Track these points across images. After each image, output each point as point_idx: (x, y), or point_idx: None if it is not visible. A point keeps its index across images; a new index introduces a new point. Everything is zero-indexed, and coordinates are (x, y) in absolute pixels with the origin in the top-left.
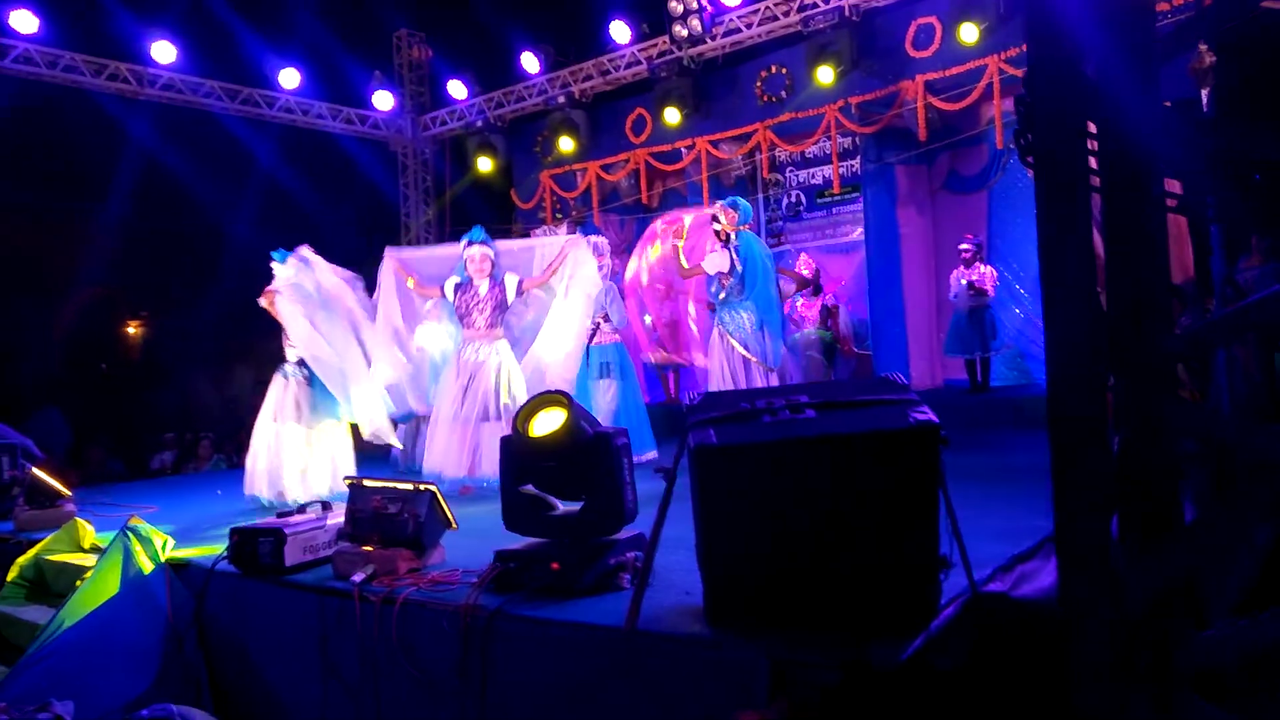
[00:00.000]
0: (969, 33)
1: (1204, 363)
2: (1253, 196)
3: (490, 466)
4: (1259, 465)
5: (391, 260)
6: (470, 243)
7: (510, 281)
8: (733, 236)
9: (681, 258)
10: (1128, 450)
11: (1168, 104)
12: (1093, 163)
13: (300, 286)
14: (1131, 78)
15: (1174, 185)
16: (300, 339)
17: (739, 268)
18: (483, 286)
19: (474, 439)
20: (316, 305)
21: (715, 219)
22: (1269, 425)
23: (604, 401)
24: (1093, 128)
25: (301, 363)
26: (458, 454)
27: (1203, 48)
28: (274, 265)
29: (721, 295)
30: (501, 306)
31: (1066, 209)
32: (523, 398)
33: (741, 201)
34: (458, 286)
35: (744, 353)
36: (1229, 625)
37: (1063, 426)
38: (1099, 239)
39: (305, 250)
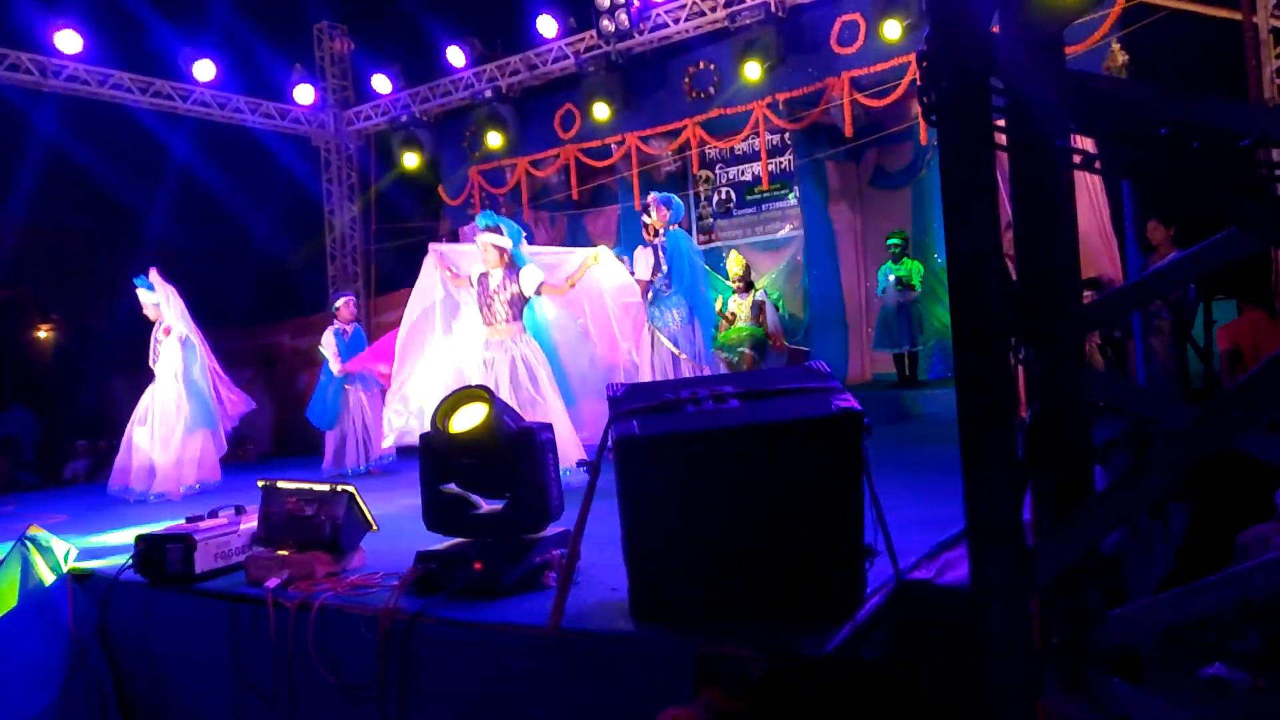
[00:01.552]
0: (892, 29)
1: (1120, 353)
2: (1184, 161)
3: None
4: (1166, 435)
5: (434, 255)
6: (477, 229)
7: (531, 276)
8: (660, 233)
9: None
10: (1039, 425)
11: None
12: (999, 123)
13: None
14: (1035, 35)
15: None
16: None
17: (664, 265)
18: (495, 276)
19: None
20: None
21: (646, 211)
22: (1178, 399)
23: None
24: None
25: None
26: None
27: (1116, 46)
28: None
29: (649, 294)
30: (519, 300)
31: (971, 168)
32: (548, 389)
33: (675, 199)
34: (480, 277)
35: (673, 349)
36: (1140, 603)
37: (970, 400)
38: (1008, 206)
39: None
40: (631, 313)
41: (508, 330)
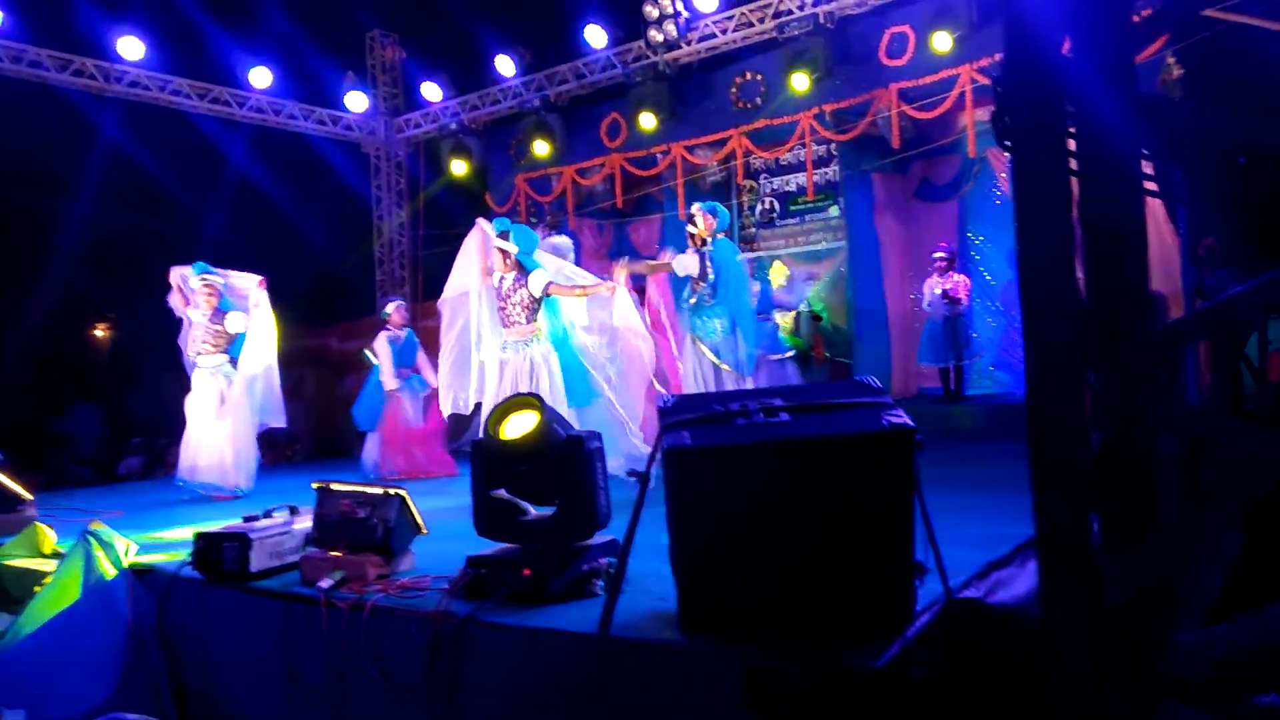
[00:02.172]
0: (942, 41)
1: (1172, 369)
2: (1235, 180)
3: None
4: (1234, 461)
5: (479, 231)
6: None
7: (537, 278)
8: (708, 242)
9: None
10: (1107, 448)
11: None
12: (1071, 146)
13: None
14: (1108, 60)
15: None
16: None
17: (711, 274)
18: (506, 280)
19: None
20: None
21: (691, 220)
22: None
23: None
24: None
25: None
26: None
27: (1171, 60)
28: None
29: (692, 301)
30: (529, 303)
31: (1045, 194)
32: (560, 391)
33: (720, 207)
34: (498, 281)
35: (714, 359)
36: (1208, 629)
37: (1041, 422)
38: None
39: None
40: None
41: (523, 332)
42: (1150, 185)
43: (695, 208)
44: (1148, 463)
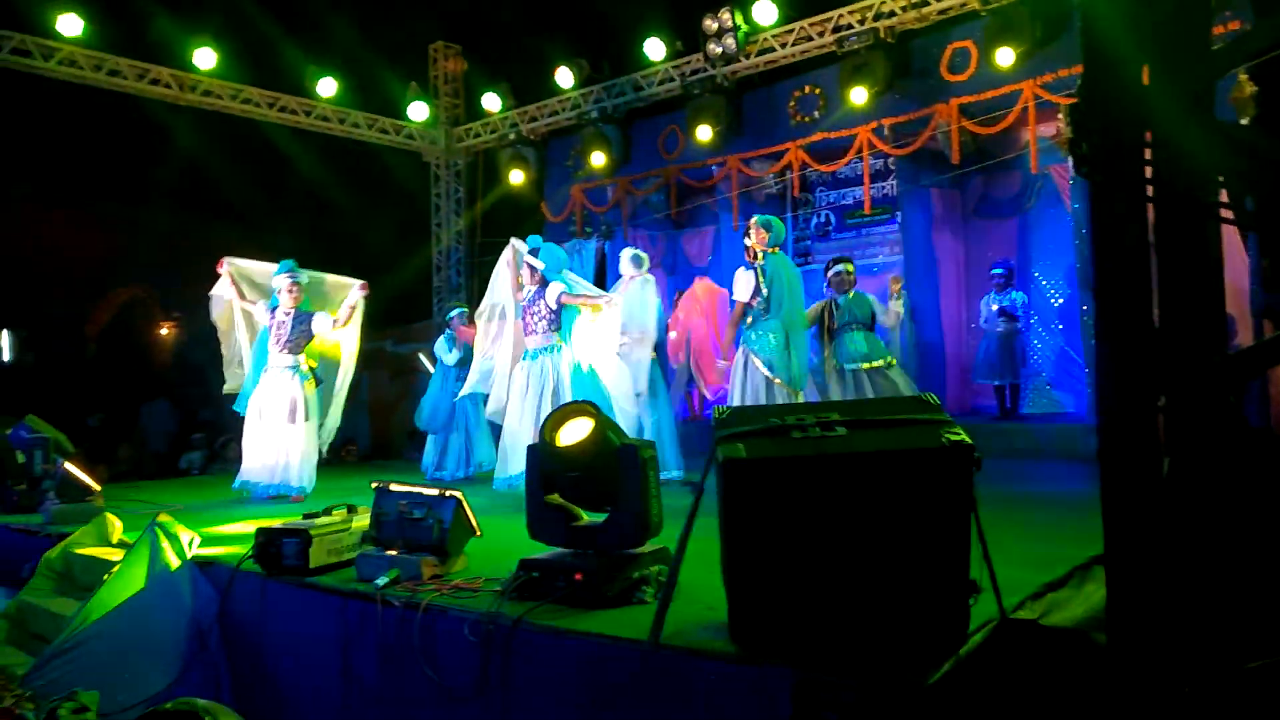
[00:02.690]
0: (1005, 57)
1: (1239, 392)
2: None
3: None
4: None
5: (512, 249)
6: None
7: (553, 290)
8: (760, 256)
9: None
10: (1179, 472)
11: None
12: (1147, 174)
13: None
14: (1187, 90)
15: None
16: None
17: (764, 289)
18: (530, 292)
19: None
20: None
21: (746, 234)
22: None
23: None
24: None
25: None
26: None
27: (1243, 77)
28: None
29: (750, 319)
30: (548, 315)
31: (1122, 219)
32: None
33: (776, 221)
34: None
35: (767, 373)
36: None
37: (1113, 444)
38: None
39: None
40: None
41: (541, 340)
42: (1226, 214)
43: (751, 220)
44: (1219, 487)
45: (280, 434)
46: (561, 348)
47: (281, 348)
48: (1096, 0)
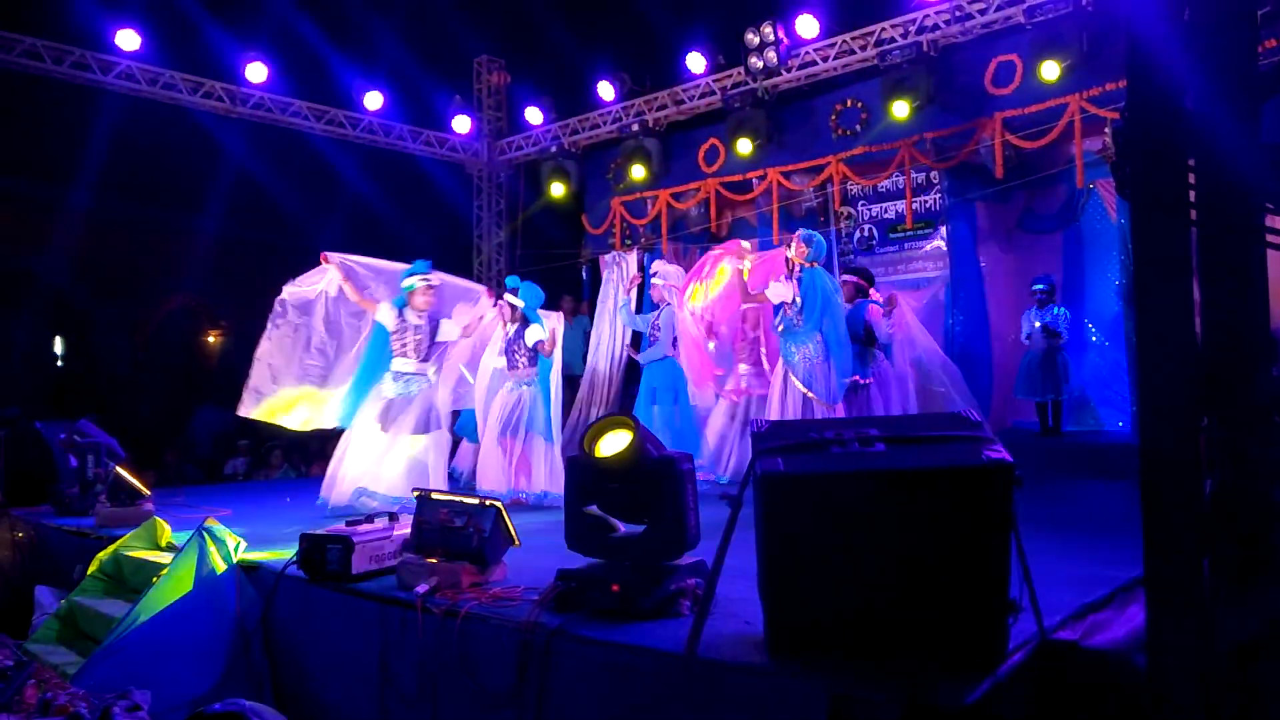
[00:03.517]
0: (1050, 70)
1: None
2: None
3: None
4: None
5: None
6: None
7: (532, 333)
8: (798, 269)
9: (746, 279)
10: (1221, 492)
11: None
12: (1190, 197)
13: None
14: (1231, 111)
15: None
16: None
17: (798, 300)
18: (512, 329)
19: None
20: None
21: (786, 246)
22: None
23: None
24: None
25: None
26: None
27: None
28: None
29: (781, 327)
30: (527, 352)
31: (1165, 242)
32: (541, 428)
33: (817, 237)
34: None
35: (803, 389)
36: None
37: (1155, 465)
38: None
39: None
40: None
41: (523, 374)
42: (1273, 238)
43: (798, 234)
44: (1262, 509)
45: (397, 446)
46: (536, 381)
47: (420, 356)
48: (1142, 21)
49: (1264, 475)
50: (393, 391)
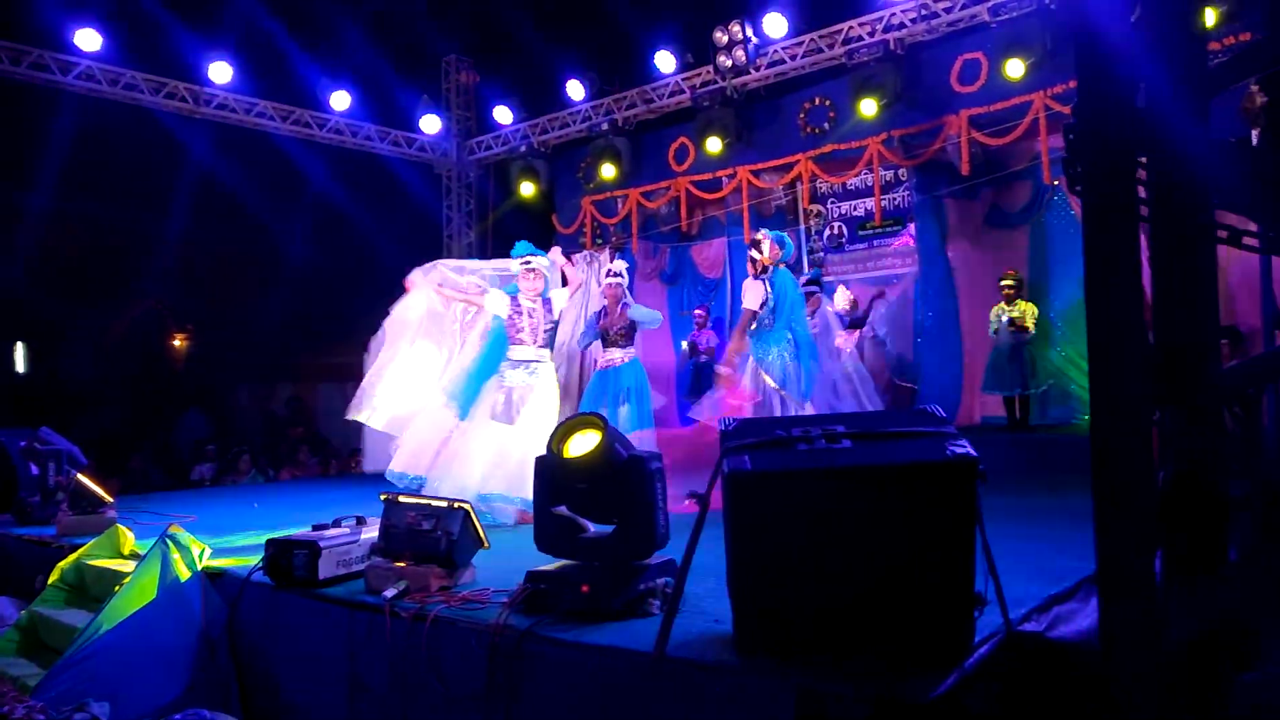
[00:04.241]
0: (1015, 68)
1: (1250, 409)
2: None
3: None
4: None
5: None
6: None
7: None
8: (769, 269)
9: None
10: (1173, 486)
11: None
12: (1141, 194)
13: None
14: (1181, 110)
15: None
16: None
17: (771, 301)
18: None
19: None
20: None
21: (756, 246)
22: None
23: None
24: (1142, 160)
25: None
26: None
27: (1254, 87)
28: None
29: (754, 325)
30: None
31: (1114, 239)
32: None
33: (788, 239)
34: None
35: (774, 385)
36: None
37: (1106, 460)
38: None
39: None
40: None
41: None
42: (1238, 240)
43: (763, 233)
44: (1213, 501)
45: (509, 437)
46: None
47: (539, 341)
48: (1091, 21)
49: (1215, 468)
50: (515, 380)
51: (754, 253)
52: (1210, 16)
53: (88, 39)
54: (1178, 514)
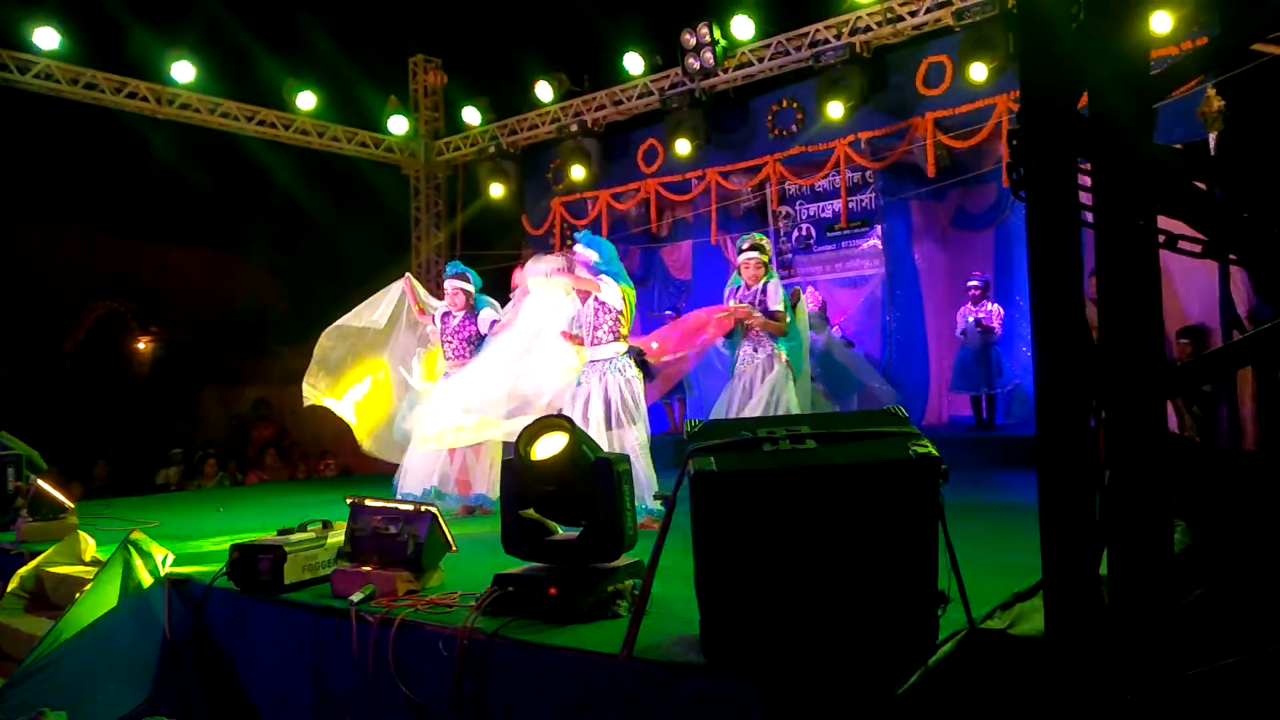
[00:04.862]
0: (978, 72)
1: (1210, 408)
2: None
3: None
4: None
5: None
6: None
7: (486, 317)
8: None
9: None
10: (1117, 484)
11: (1177, 146)
12: (1088, 198)
13: None
14: (1125, 114)
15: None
16: None
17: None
18: (457, 318)
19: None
20: None
21: (754, 249)
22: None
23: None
24: (1088, 165)
25: None
26: None
27: (1211, 91)
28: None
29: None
30: (476, 338)
31: (1056, 242)
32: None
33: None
34: (443, 317)
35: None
36: (1221, 664)
37: (1050, 458)
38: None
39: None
40: None
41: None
42: (1174, 244)
43: (756, 238)
44: (1156, 500)
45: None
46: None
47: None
48: (1032, 28)
49: (1158, 467)
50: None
51: (752, 254)
52: (1168, 21)
53: (46, 37)
54: (1121, 513)
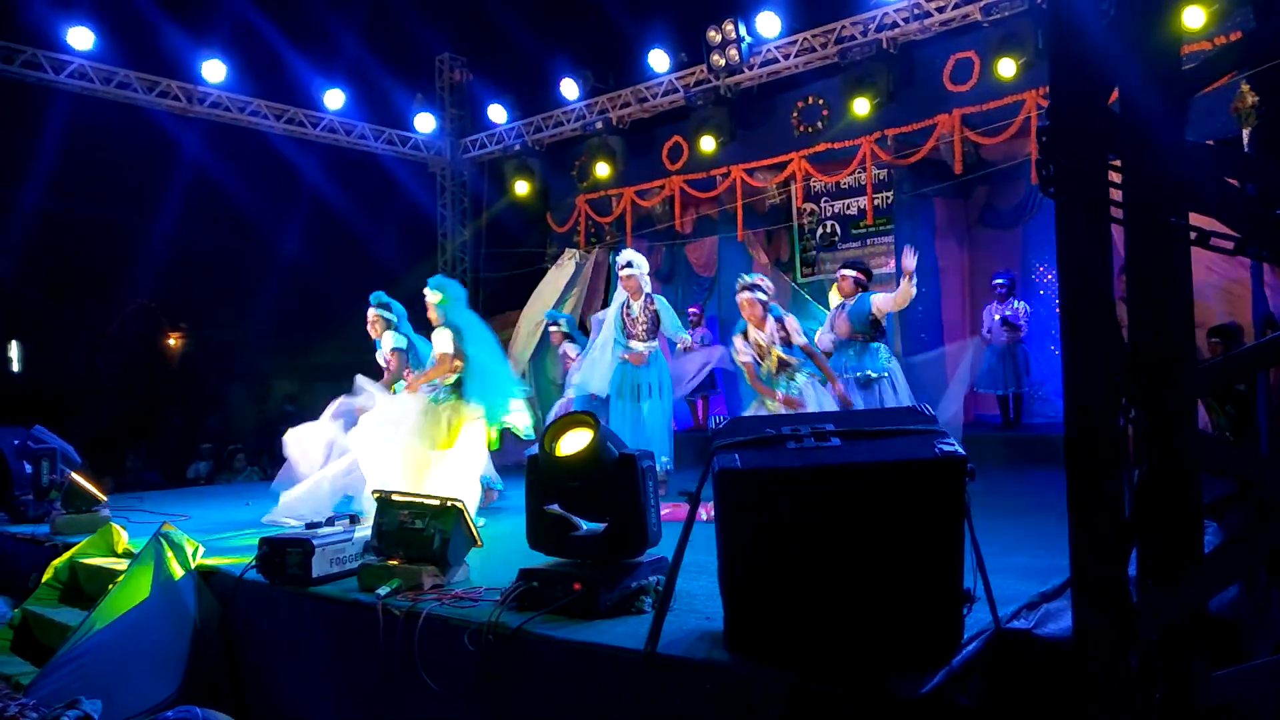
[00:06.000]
0: (1007, 68)
1: (1243, 407)
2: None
3: None
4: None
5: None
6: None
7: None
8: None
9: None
10: (1147, 483)
11: (1210, 143)
12: (1117, 195)
13: None
14: (1155, 110)
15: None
16: None
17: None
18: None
19: None
20: None
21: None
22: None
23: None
24: (1118, 162)
25: None
26: None
27: (1245, 87)
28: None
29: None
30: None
31: (1086, 240)
32: None
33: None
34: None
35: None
36: (1249, 665)
37: (1079, 458)
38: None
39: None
40: None
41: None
42: (1206, 241)
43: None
44: (1187, 499)
45: None
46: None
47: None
48: (1064, 23)
49: (1187, 466)
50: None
51: (756, 295)
52: (1200, 16)
53: (81, 38)
54: (1151, 512)
